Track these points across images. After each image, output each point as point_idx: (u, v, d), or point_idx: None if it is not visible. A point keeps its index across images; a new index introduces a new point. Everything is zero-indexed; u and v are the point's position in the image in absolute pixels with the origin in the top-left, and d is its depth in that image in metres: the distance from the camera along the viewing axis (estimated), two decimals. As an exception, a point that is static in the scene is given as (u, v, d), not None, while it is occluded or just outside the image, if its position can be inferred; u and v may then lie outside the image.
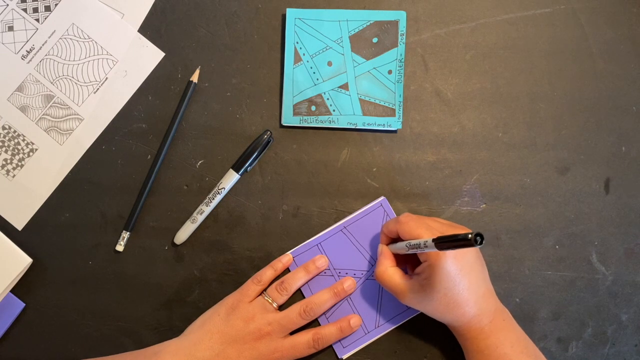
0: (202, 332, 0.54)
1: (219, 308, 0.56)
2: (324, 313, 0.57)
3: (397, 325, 0.58)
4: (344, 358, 0.58)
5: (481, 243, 0.41)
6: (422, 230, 0.51)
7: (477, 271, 0.52)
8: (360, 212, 0.59)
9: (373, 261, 0.58)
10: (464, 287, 0.50)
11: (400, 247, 0.53)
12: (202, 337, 0.54)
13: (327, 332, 0.56)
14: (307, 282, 0.58)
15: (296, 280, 0.57)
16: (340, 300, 0.58)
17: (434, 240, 0.46)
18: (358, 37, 0.59)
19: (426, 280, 0.50)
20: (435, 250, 0.47)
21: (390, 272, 0.54)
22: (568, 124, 0.60)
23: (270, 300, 0.55)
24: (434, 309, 0.51)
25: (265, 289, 0.57)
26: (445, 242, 0.45)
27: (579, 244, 0.59)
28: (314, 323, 0.58)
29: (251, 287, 0.56)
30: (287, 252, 0.59)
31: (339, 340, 0.57)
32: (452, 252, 0.49)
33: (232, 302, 0.56)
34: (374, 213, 0.58)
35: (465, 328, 0.52)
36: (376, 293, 0.58)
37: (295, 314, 0.55)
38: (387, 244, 0.56)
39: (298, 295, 0.58)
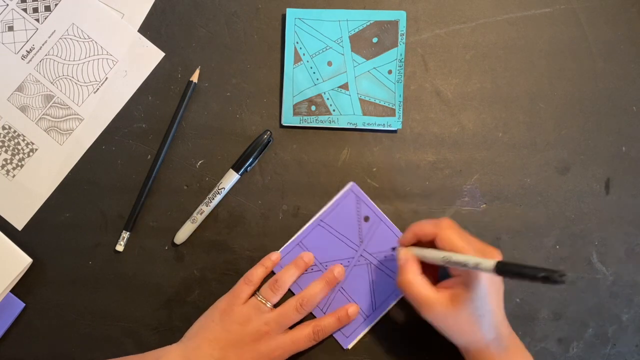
0: (199, 340, 0.54)
1: (212, 313, 0.55)
2: (321, 308, 0.58)
3: (394, 303, 0.58)
4: (349, 347, 0.58)
5: (564, 282, 0.38)
6: (465, 243, 0.48)
7: (501, 297, 0.51)
8: (333, 203, 0.59)
9: (356, 247, 0.58)
10: (489, 310, 0.49)
11: (434, 257, 0.49)
12: (200, 344, 0.54)
13: (326, 323, 0.56)
14: (298, 278, 0.58)
15: (289, 276, 0.56)
16: (334, 290, 0.58)
17: (497, 263, 0.43)
18: (358, 37, 0.59)
19: (456, 297, 0.49)
20: (490, 273, 0.44)
21: (418, 282, 0.50)
22: (568, 124, 0.60)
23: (263, 301, 0.55)
24: (456, 327, 0.50)
25: (257, 289, 0.57)
26: (513, 272, 0.41)
27: (579, 244, 0.59)
28: (309, 316, 0.58)
29: (243, 288, 0.56)
30: (274, 252, 0.59)
31: (340, 330, 0.57)
32: (489, 274, 0.46)
33: (224, 306, 0.55)
34: (347, 200, 0.58)
35: (480, 352, 0.50)
36: (367, 277, 0.58)
37: (291, 310, 0.55)
38: (408, 245, 0.53)
39: (288, 294, 0.58)
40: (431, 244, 0.51)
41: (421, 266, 0.52)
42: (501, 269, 0.43)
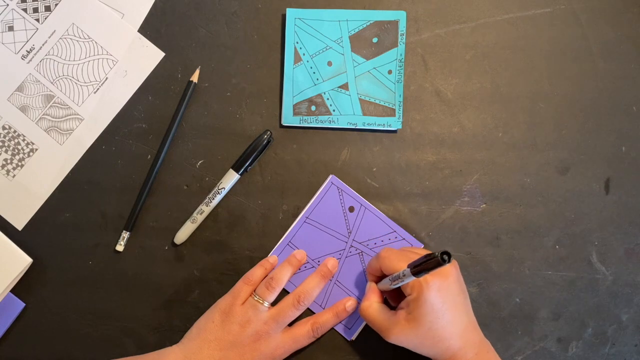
0: (199, 341, 0.54)
1: (212, 314, 0.55)
2: (319, 303, 0.58)
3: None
4: (352, 339, 0.58)
5: (449, 260, 0.42)
6: (403, 262, 0.50)
7: (460, 303, 0.51)
8: (316, 198, 0.59)
9: (345, 238, 0.58)
10: (448, 320, 0.50)
11: (385, 283, 0.53)
12: (200, 345, 0.54)
13: (325, 319, 0.56)
14: (292, 275, 0.57)
15: (283, 274, 0.56)
16: (330, 284, 0.58)
17: (409, 266, 0.46)
18: (358, 37, 0.59)
19: (411, 315, 0.50)
20: (413, 278, 0.46)
21: (375, 307, 0.53)
22: (568, 124, 0.60)
23: (260, 301, 0.55)
24: (420, 343, 0.51)
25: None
26: (419, 266, 0.45)
27: (579, 244, 0.59)
28: (307, 313, 0.58)
29: (243, 288, 0.56)
30: (273, 256, 0.59)
31: (342, 323, 0.58)
32: (435, 285, 0.49)
33: (224, 306, 0.55)
34: (329, 193, 0.59)
35: None
36: (360, 267, 0.58)
37: (289, 306, 0.55)
38: (376, 282, 0.56)
39: (283, 294, 0.58)
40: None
41: (390, 298, 0.55)
42: (412, 268, 0.46)
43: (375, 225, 0.58)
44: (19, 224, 0.59)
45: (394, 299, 0.55)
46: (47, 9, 0.60)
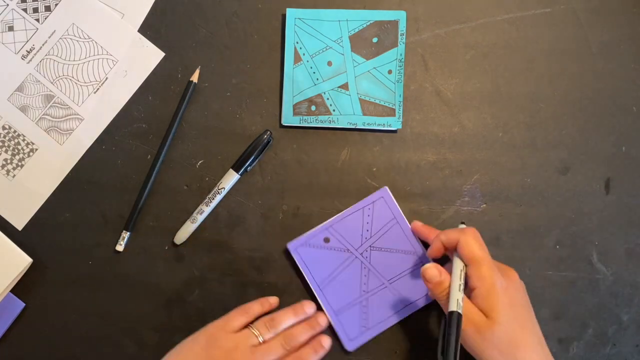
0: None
1: (199, 336, 0.53)
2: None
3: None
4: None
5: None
6: (484, 254, 0.50)
7: (527, 329, 0.49)
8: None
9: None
10: (522, 322, 0.48)
11: (455, 275, 0.50)
12: None
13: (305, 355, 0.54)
14: (293, 324, 0.55)
15: (285, 320, 0.54)
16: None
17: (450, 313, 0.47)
18: (358, 37, 0.59)
19: (480, 322, 0.48)
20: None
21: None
22: (568, 124, 0.60)
23: (257, 333, 0.52)
24: (495, 347, 0.48)
25: (251, 322, 0.54)
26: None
27: (579, 244, 0.59)
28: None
29: (237, 317, 0.53)
30: (274, 297, 0.57)
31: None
32: (503, 285, 0.49)
33: (214, 330, 0.52)
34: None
35: None
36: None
37: (277, 346, 0.52)
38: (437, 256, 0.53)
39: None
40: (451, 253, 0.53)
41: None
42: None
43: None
44: (19, 224, 0.59)
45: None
46: (47, 9, 0.60)
